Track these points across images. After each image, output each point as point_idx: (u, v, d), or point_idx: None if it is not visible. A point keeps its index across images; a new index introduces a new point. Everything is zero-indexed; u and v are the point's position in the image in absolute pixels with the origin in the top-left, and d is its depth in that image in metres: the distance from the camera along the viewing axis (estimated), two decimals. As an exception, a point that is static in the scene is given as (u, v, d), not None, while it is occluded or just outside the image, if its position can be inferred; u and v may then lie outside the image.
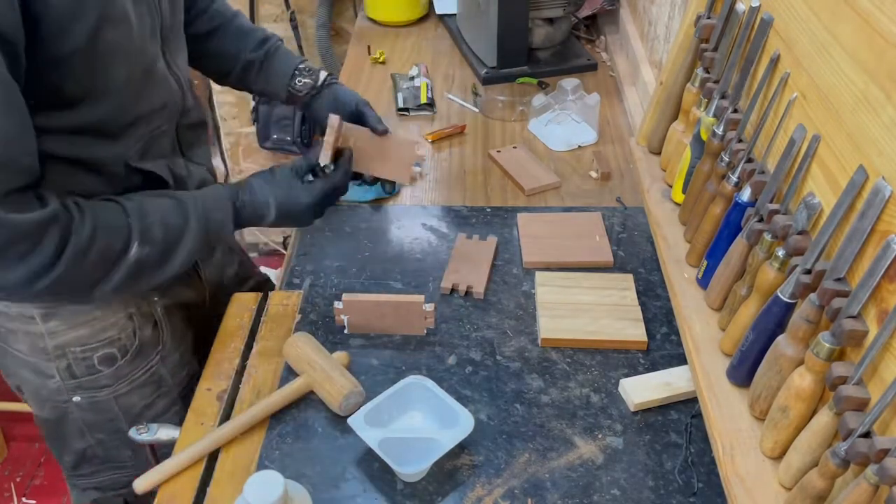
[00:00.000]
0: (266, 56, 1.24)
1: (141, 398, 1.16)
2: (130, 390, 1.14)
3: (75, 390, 1.12)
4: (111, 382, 1.12)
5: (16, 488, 2.12)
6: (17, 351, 1.09)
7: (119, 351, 1.11)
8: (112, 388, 1.13)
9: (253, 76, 1.25)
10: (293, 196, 1.07)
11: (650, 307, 1.22)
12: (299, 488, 0.87)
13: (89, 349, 1.09)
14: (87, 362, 1.10)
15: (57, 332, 1.06)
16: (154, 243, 0.95)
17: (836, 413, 0.73)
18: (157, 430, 1.07)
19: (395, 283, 1.27)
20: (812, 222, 0.83)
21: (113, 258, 0.92)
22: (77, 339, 1.07)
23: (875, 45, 0.75)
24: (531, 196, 1.49)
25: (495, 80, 1.87)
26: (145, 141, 1.02)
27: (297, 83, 1.24)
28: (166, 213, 0.97)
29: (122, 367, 1.12)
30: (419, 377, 1.04)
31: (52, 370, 1.09)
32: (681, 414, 1.07)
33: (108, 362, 1.11)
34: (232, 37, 1.23)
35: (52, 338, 1.06)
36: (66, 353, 1.08)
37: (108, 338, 1.09)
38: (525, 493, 0.96)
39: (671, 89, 1.25)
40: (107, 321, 1.08)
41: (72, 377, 1.10)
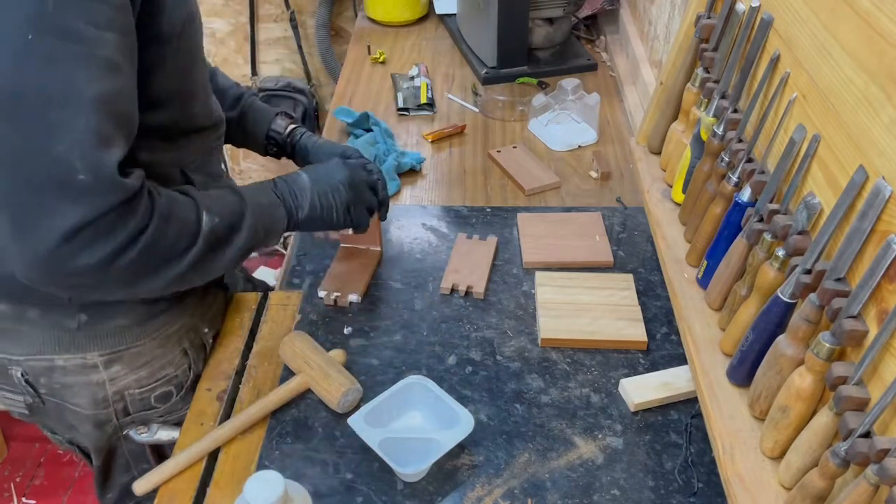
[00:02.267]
0: (241, 116, 1.24)
1: None
2: (177, 420, 1.13)
3: (129, 425, 1.12)
4: (164, 414, 1.13)
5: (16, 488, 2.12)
6: (75, 406, 1.07)
7: (175, 387, 1.11)
8: (162, 419, 1.14)
9: (232, 133, 1.21)
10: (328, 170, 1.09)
11: (650, 307, 1.22)
12: (299, 488, 0.87)
13: (147, 389, 1.09)
14: (144, 402, 1.10)
15: (118, 378, 1.05)
16: (221, 214, 0.92)
17: (836, 413, 0.73)
18: (157, 430, 1.07)
19: (395, 284, 1.27)
20: (812, 222, 0.83)
21: (190, 228, 0.89)
22: (137, 381, 1.07)
23: (875, 45, 0.75)
24: (531, 196, 1.49)
25: (495, 80, 1.87)
26: (201, 154, 1.02)
27: (269, 152, 1.26)
28: (218, 192, 0.96)
29: (176, 402, 1.13)
30: (419, 377, 1.04)
31: (110, 416, 1.09)
32: (681, 414, 1.07)
33: (165, 399, 1.11)
34: None
35: (113, 384, 1.05)
36: (125, 395, 1.07)
37: (165, 376, 1.09)
38: (525, 493, 0.96)
39: (671, 89, 1.25)
40: (165, 359, 1.08)
41: (126, 415, 1.10)
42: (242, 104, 1.23)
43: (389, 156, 1.52)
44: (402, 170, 1.53)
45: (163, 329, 1.07)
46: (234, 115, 1.22)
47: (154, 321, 1.05)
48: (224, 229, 0.93)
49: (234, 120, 1.22)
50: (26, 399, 1.06)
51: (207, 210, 0.91)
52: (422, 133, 1.68)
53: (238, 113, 1.23)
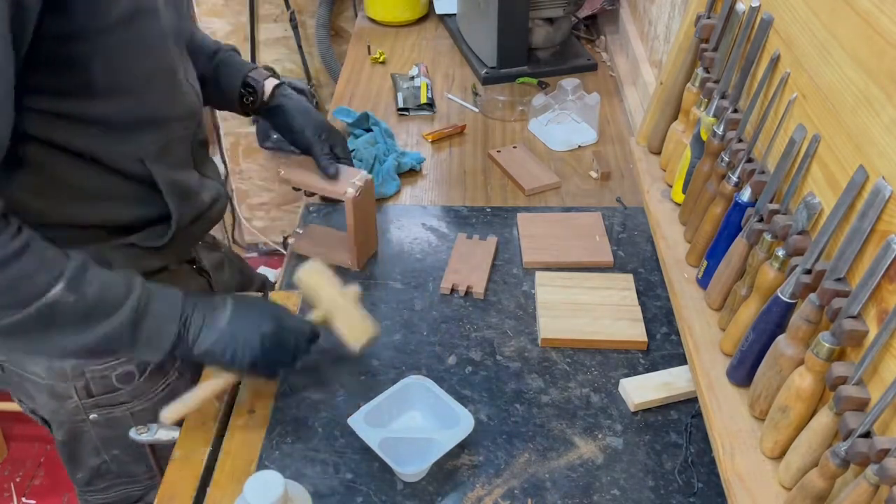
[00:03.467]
0: (216, 69, 1.17)
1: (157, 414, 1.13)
2: (148, 407, 1.12)
3: (92, 409, 1.10)
4: (128, 399, 1.11)
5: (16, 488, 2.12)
6: (33, 375, 1.06)
7: (137, 368, 1.09)
8: (129, 405, 1.11)
9: (210, 91, 1.15)
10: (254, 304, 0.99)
11: (650, 307, 1.22)
12: (299, 488, 0.87)
13: (107, 367, 1.07)
14: (106, 381, 1.08)
15: None
16: (82, 296, 0.84)
17: (836, 413, 0.73)
18: (157, 430, 1.07)
19: (395, 284, 1.27)
20: (812, 222, 0.83)
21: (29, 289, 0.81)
22: None
23: (875, 45, 0.75)
24: (531, 196, 1.49)
25: (495, 80, 1.87)
26: (162, 146, 0.98)
27: (245, 101, 1.19)
28: (110, 278, 0.89)
29: (139, 384, 1.10)
30: (419, 377, 1.04)
31: (69, 391, 1.07)
32: (681, 414, 1.07)
33: (127, 380, 1.09)
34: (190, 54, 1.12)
35: None
36: (84, 372, 1.06)
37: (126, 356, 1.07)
38: (525, 493, 0.96)
39: (671, 89, 1.25)
40: None
41: (89, 396, 1.08)
42: (218, 58, 1.17)
43: (389, 156, 1.52)
44: (402, 170, 1.53)
45: None
46: (208, 69, 1.16)
47: None
48: (73, 313, 0.85)
49: (210, 75, 1.16)
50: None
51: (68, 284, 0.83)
52: (422, 133, 1.68)
53: (212, 66, 1.17)
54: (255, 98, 1.19)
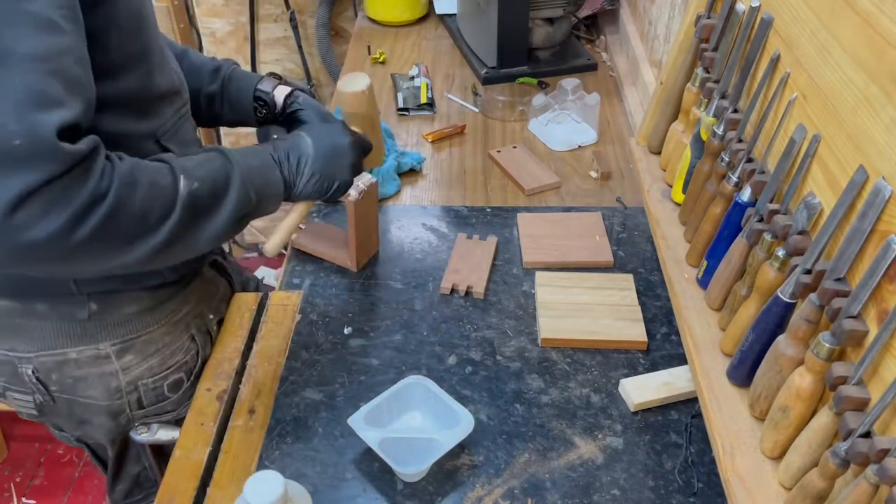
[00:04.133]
0: (223, 86, 1.16)
1: None
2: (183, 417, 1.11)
3: (142, 419, 1.11)
4: (175, 407, 1.13)
5: (16, 488, 2.12)
6: (87, 398, 1.06)
7: (186, 374, 1.11)
8: (174, 413, 1.13)
9: (218, 109, 1.17)
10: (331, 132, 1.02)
11: (650, 307, 1.22)
12: (299, 488, 0.87)
13: (160, 378, 1.08)
14: (158, 391, 1.09)
15: (130, 367, 1.05)
16: (201, 178, 0.85)
17: (836, 413, 0.73)
18: (157, 430, 1.07)
19: (395, 284, 1.27)
20: (812, 222, 0.83)
21: (164, 194, 0.82)
22: (149, 370, 1.07)
23: (875, 45, 0.75)
24: (531, 196, 1.49)
25: (495, 80, 1.87)
26: (174, 121, 0.99)
27: (258, 115, 1.17)
28: (202, 159, 0.89)
29: (186, 389, 1.12)
30: (419, 377, 1.04)
31: (124, 407, 1.08)
32: (681, 414, 1.07)
33: (176, 387, 1.11)
34: (187, 75, 1.11)
35: (126, 374, 1.05)
36: (138, 386, 1.07)
37: (176, 363, 1.09)
38: (525, 493, 0.96)
39: (671, 89, 1.25)
40: (174, 346, 1.08)
41: (140, 407, 1.10)
42: (223, 74, 1.16)
43: (389, 156, 1.52)
44: (402, 170, 1.53)
45: (170, 316, 1.06)
46: (215, 88, 1.15)
47: (161, 308, 1.05)
48: (207, 194, 0.86)
49: (217, 93, 1.15)
50: (36, 398, 1.05)
51: (185, 174, 0.84)
52: (422, 133, 1.68)
53: (219, 84, 1.15)
54: (267, 111, 1.17)
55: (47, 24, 0.73)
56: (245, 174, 0.90)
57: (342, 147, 1.01)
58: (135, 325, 1.03)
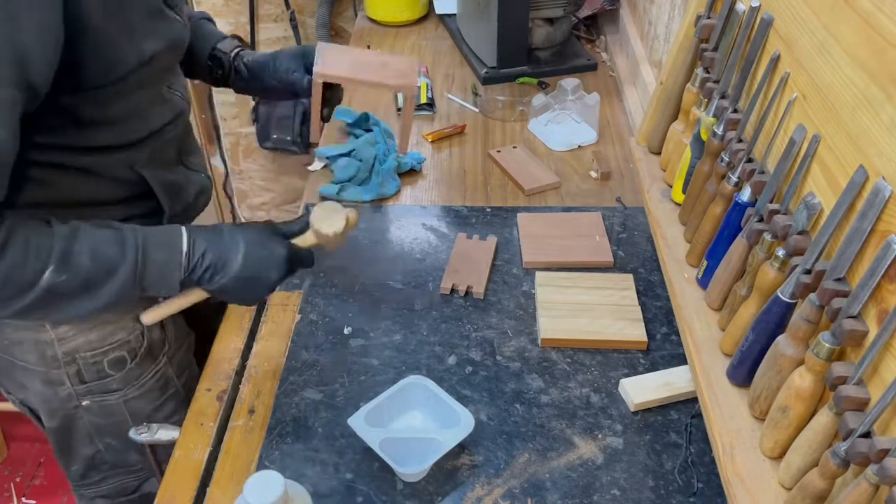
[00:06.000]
0: None
1: (149, 402, 1.15)
2: (140, 394, 1.13)
3: (85, 395, 1.10)
4: (121, 386, 1.11)
5: (16, 488, 2.12)
6: (24, 362, 1.07)
7: (129, 353, 1.09)
8: (122, 392, 1.12)
9: None
10: (266, 243, 0.97)
11: (650, 307, 1.22)
12: (299, 488, 0.87)
13: (100, 353, 1.07)
14: (98, 367, 1.08)
15: (66, 338, 1.04)
16: (75, 272, 0.86)
17: (836, 413, 0.73)
18: (157, 430, 1.07)
19: (395, 284, 1.27)
20: (812, 222, 0.83)
21: (22, 279, 0.83)
22: (87, 343, 1.06)
23: (875, 45, 0.75)
24: (531, 196, 1.49)
25: (495, 80, 1.87)
26: (151, 151, 1.01)
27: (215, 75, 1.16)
28: (101, 242, 0.88)
29: (131, 370, 1.11)
30: (419, 377, 1.04)
31: (62, 377, 1.07)
32: (681, 414, 1.07)
33: (118, 366, 1.09)
34: None
35: (62, 344, 1.05)
36: (76, 358, 1.06)
37: (117, 341, 1.08)
38: (525, 493, 0.96)
39: (671, 89, 1.25)
40: (116, 324, 1.07)
41: (81, 382, 1.09)
42: None
43: (389, 156, 1.52)
44: (403, 170, 1.53)
45: None
46: None
47: None
48: (76, 286, 0.86)
49: None
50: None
51: (57, 265, 0.84)
52: (422, 133, 1.68)
53: None
54: (222, 72, 1.16)
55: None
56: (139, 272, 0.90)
57: (272, 265, 0.97)
58: None
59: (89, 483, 1.23)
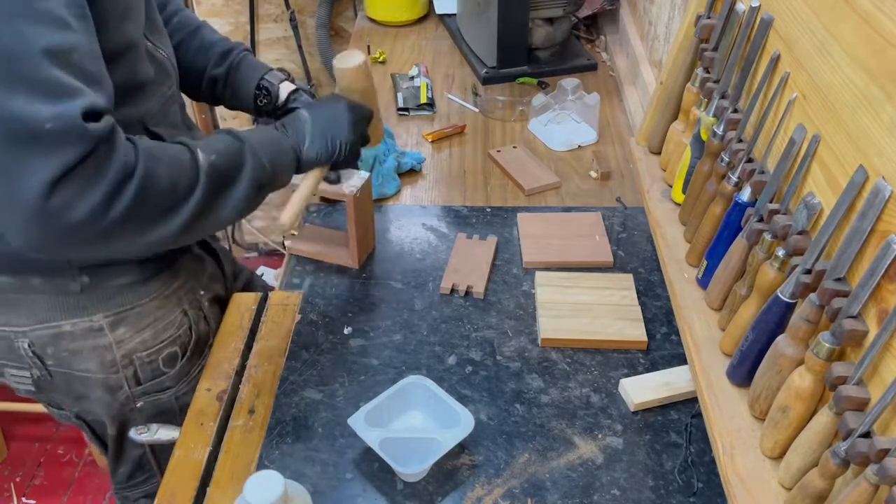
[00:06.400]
0: (229, 71, 1.19)
1: None
2: (190, 388, 1.15)
3: (141, 396, 1.13)
4: (173, 384, 1.15)
5: (16, 488, 2.12)
6: (84, 371, 1.08)
7: (180, 348, 1.13)
8: (174, 389, 1.15)
9: (220, 92, 1.20)
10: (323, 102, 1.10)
11: (650, 307, 1.22)
12: (299, 488, 0.87)
13: (154, 352, 1.10)
14: (153, 365, 1.11)
15: (124, 340, 1.07)
16: (217, 152, 0.90)
17: (836, 413, 0.73)
18: (157, 430, 1.07)
19: (395, 284, 1.27)
20: (812, 222, 0.83)
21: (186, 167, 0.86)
22: (143, 343, 1.09)
23: (875, 45, 0.75)
24: (531, 196, 1.49)
25: (495, 80, 1.87)
26: (160, 105, 1.02)
27: (260, 103, 1.20)
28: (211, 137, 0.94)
29: (183, 365, 1.15)
30: (419, 377, 1.04)
31: (120, 381, 1.10)
32: (681, 414, 1.07)
33: (172, 362, 1.13)
34: (195, 52, 1.17)
35: (120, 347, 1.07)
36: (133, 360, 1.09)
37: (169, 337, 1.11)
38: (525, 493, 0.96)
39: (671, 89, 1.25)
40: (166, 320, 1.11)
41: (138, 384, 1.12)
42: (231, 59, 1.19)
43: (389, 156, 1.52)
44: (403, 170, 1.53)
45: (161, 290, 1.09)
46: (220, 71, 1.18)
47: (152, 281, 1.07)
48: (225, 165, 0.90)
49: (221, 76, 1.18)
50: (33, 373, 1.07)
51: (201, 149, 0.88)
52: (422, 133, 1.68)
53: (226, 69, 1.18)
54: (269, 101, 1.20)
55: (61, 23, 0.76)
56: (256, 146, 0.95)
57: (337, 109, 1.07)
58: (126, 298, 1.05)
59: (135, 483, 1.25)
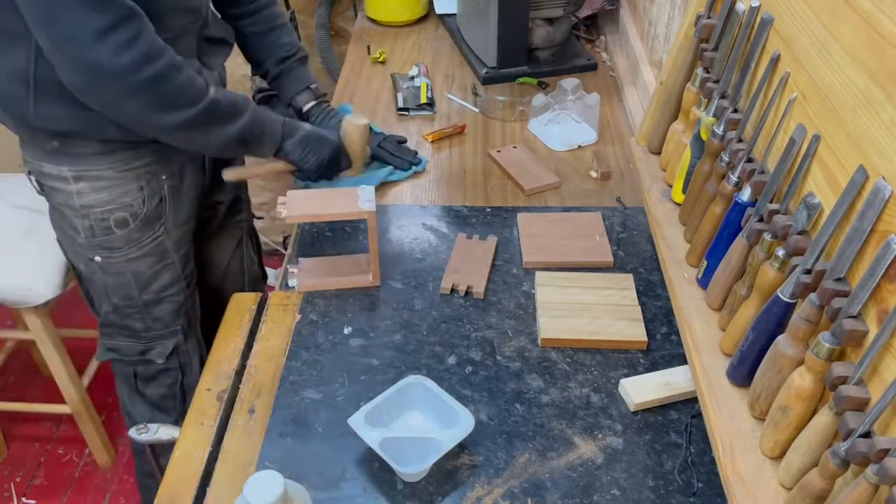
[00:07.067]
0: (280, 74, 1.46)
1: (148, 266, 1.33)
2: (140, 256, 1.31)
3: (95, 248, 1.29)
4: (123, 245, 1.29)
5: (16, 488, 2.12)
6: (57, 203, 1.28)
7: (131, 216, 1.27)
8: (124, 250, 1.29)
9: (272, 84, 1.49)
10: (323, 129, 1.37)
11: (650, 307, 1.22)
12: (299, 488, 0.87)
13: (107, 211, 1.25)
14: (105, 223, 1.26)
15: (83, 193, 1.23)
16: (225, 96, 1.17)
17: (836, 413, 0.73)
18: (157, 430, 1.07)
19: (395, 283, 1.27)
20: (812, 222, 0.83)
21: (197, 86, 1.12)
22: (98, 200, 1.24)
23: (875, 45, 0.75)
24: (531, 196, 1.49)
25: (495, 80, 1.87)
26: (172, 34, 1.14)
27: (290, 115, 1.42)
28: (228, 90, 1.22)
29: (132, 231, 1.28)
30: (419, 377, 1.04)
31: (78, 226, 1.27)
32: (681, 414, 1.07)
33: (122, 225, 1.27)
34: (265, 46, 1.45)
35: (80, 197, 1.24)
36: (89, 213, 1.25)
37: (122, 203, 1.25)
38: (525, 493, 0.96)
39: (671, 89, 1.25)
40: (123, 188, 1.25)
41: (93, 236, 1.27)
42: (284, 66, 1.46)
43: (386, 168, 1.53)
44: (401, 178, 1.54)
45: (118, 164, 1.23)
46: (273, 71, 1.46)
47: (111, 156, 1.22)
48: (226, 107, 1.17)
49: (271, 76, 1.48)
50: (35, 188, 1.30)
51: (214, 86, 1.14)
52: (422, 133, 1.68)
53: (277, 73, 1.46)
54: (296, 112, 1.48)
55: None
56: (256, 112, 1.22)
57: (329, 141, 1.34)
58: (87, 163, 1.22)
59: (105, 333, 1.42)
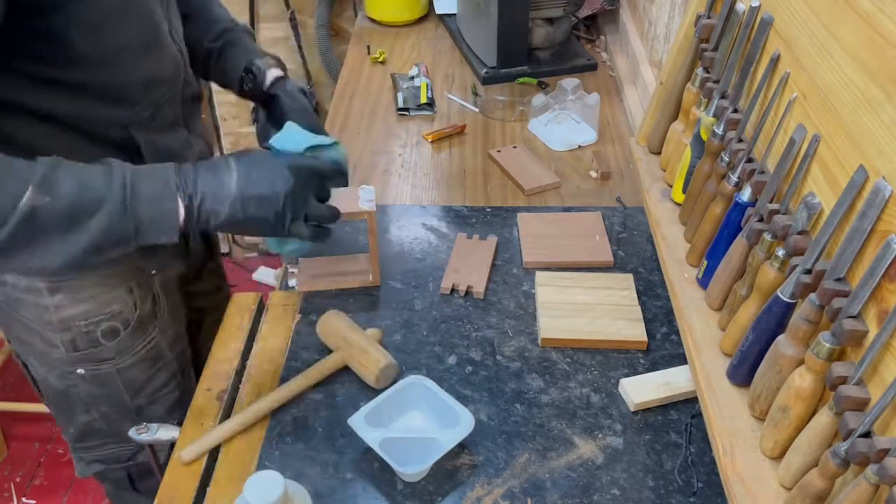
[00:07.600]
0: (223, 47, 1.18)
1: (142, 371, 1.18)
2: (133, 364, 1.16)
3: (79, 362, 1.13)
4: (113, 356, 1.14)
5: (16, 488, 2.12)
6: (26, 319, 1.10)
7: (121, 324, 1.13)
8: (114, 361, 1.15)
9: (212, 66, 1.19)
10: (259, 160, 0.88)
11: (650, 307, 1.22)
12: (299, 488, 0.87)
13: (93, 323, 1.10)
14: (91, 336, 1.11)
15: (62, 306, 1.07)
16: (58, 196, 0.76)
17: (836, 413, 0.73)
18: (157, 430, 1.07)
19: (395, 283, 1.27)
20: (812, 222, 0.83)
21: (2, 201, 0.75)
22: (82, 313, 1.08)
23: (875, 45, 0.75)
24: (531, 196, 1.49)
25: (495, 80, 1.87)
26: (151, 111, 1.00)
27: (245, 87, 1.18)
28: (86, 170, 0.80)
29: (123, 339, 1.14)
30: (419, 377, 1.04)
31: (56, 342, 1.10)
32: (681, 414, 1.07)
33: (111, 336, 1.12)
34: (199, 23, 1.17)
35: (58, 311, 1.07)
36: (71, 326, 1.09)
37: (110, 312, 1.11)
38: (525, 493, 0.96)
39: (671, 89, 1.25)
40: (109, 295, 1.09)
41: (75, 350, 1.12)
42: (227, 38, 1.19)
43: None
44: None
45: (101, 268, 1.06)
46: (214, 45, 1.18)
47: None
48: (60, 213, 0.77)
49: (214, 51, 1.18)
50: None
51: (41, 185, 0.76)
52: (422, 133, 1.68)
53: (220, 45, 1.18)
54: (254, 85, 1.17)
55: None
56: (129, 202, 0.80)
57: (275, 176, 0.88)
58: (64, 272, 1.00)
59: (86, 447, 1.27)
